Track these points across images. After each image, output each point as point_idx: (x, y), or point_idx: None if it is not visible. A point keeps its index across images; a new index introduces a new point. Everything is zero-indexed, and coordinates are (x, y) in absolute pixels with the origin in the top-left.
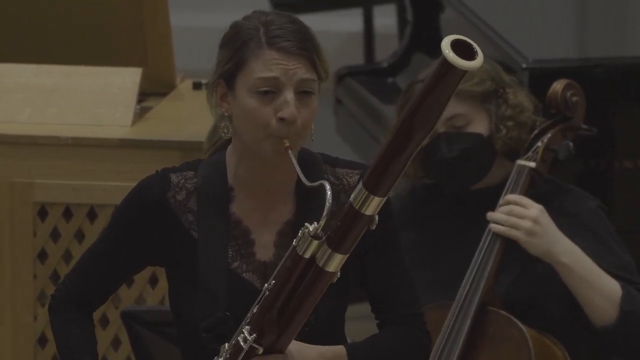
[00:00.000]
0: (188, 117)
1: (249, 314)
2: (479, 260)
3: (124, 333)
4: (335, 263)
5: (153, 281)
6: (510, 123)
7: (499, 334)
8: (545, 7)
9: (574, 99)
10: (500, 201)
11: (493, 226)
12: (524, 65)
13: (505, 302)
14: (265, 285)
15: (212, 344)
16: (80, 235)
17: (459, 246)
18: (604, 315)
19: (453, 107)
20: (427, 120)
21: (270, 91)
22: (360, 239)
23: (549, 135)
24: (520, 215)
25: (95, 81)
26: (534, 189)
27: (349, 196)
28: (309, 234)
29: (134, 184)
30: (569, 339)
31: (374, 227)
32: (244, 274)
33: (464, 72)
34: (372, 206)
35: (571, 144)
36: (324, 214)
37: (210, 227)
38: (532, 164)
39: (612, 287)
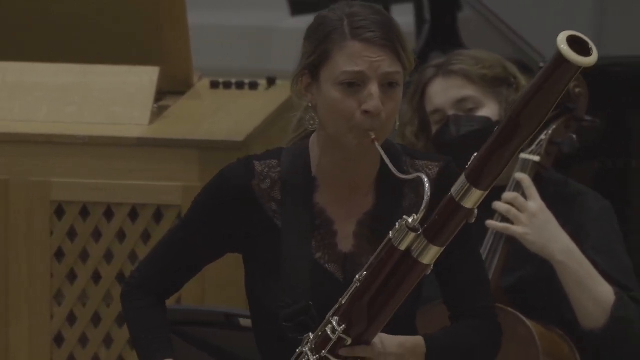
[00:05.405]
0: (206, 116)
1: (337, 305)
2: (485, 258)
3: None
4: (431, 255)
5: None
6: None
7: (506, 332)
8: (563, 5)
9: (577, 90)
10: (505, 195)
11: (488, 222)
12: (541, 64)
13: (514, 295)
14: (357, 276)
15: (292, 333)
16: (97, 234)
17: None
18: (592, 319)
19: (463, 90)
20: (536, 115)
21: (355, 83)
22: None
23: (552, 127)
24: (520, 208)
25: (113, 80)
26: (542, 189)
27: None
28: (406, 226)
29: (152, 182)
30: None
31: (473, 221)
32: (327, 265)
33: (578, 69)
34: (473, 199)
35: (575, 137)
36: (422, 206)
37: (294, 216)
38: (537, 158)
39: (605, 291)
